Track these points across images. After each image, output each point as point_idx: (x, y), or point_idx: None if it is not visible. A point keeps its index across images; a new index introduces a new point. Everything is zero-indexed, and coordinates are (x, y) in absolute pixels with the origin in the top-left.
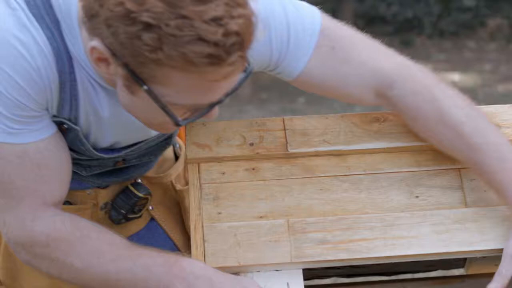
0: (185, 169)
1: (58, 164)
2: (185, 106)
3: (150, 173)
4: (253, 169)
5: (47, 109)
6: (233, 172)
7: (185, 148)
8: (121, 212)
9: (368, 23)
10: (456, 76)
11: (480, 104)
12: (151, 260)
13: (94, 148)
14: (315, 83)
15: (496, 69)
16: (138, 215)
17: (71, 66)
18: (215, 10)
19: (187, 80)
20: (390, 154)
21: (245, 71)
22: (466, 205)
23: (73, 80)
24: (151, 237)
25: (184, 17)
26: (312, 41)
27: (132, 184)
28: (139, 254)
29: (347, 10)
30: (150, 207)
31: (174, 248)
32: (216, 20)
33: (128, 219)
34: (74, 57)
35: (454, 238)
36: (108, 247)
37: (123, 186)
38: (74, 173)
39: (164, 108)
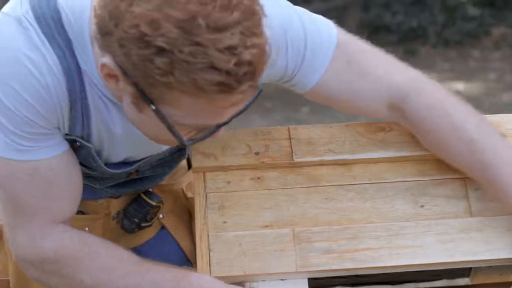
0: None
1: (69, 181)
2: (191, 126)
3: (163, 182)
4: (259, 178)
5: (58, 128)
6: (238, 181)
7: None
8: (134, 221)
9: (373, 32)
10: (460, 85)
11: (484, 113)
12: (160, 276)
13: (106, 164)
14: (328, 96)
15: (501, 78)
16: (150, 223)
17: (82, 84)
18: (231, 38)
19: (196, 104)
20: (395, 163)
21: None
22: (471, 214)
23: (84, 99)
24: (162, 246)
25: (198, 44)
26: (328, 54)
27: (144, 193)
28: (147, 270)
29: (351, 19)
30: (161, 216)
31: (184, 257)
32: (230, 49)
33: (141, 228)
34: (86, 75)
35: (459, 247)
36: (117, 263)
37: (135, 195)
38: (87, 186)
39: (170, 128)
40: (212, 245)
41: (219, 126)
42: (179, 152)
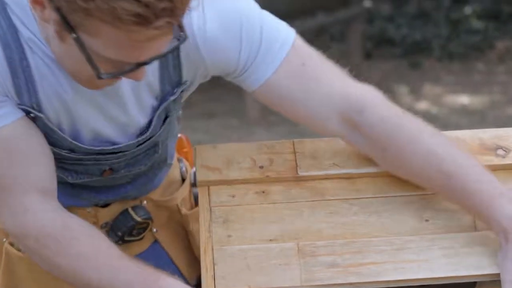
0: (190, 192)
1: (33, 147)
2: (109, 61)
3: (156, 195)
4: (263, 192)
5: (7, 96)
6: (243, 195)
7: (195, 170)
8: (117, 234)
9: (377, 45)
10: (465, 99)
11: (489, 127)
12: (133, 277)
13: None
14: (278, 96)
15: (506, 91)
16: (137, 238)
17: (22, 52)
18: None
19: (113, 35)
20: (400, 177)
21: (178, 39)
22: (475, 229)
23: (26, 66)
24: (154, 260)
25: None
26: (283, 50)
27: (133, 207)
28: (123, 268)
29: (355, 32)
30: (154, 230)
31: (178, 272)
32: None
33: (125, 241)
34: (25, 41)
35: (464, 262)
36: (95, 253)
37: (125, 207)
38: (64, 185)
39: (88, 58)
40: (217, 259)
41: (138, 66)
42: (152, 149)
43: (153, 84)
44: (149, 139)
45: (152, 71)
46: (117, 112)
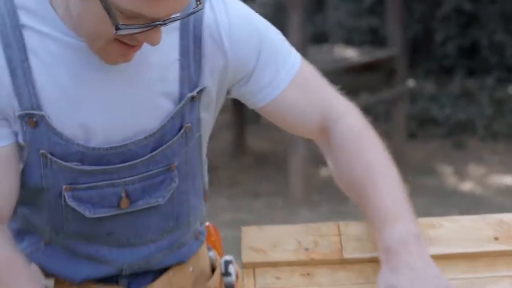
0: (221, 282)
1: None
2: (127, 13)
3: (188, 285)
4: (308, 274)
5: (5, 119)
6: (288, 277)
7: (241, 252)
8: None
9: (421, 125)
10: (509, 179)
11: None
12: None
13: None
14: (282, 111)
15: None
16: None
17: (24, 52)
18: None
19: None
20: (446, 260)
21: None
22: None
23: (27, 68)
24: None
25: None
26: (293, 69)
27: None
28: None
29: (400, 112)
30: None
31: None
32: None
33: None
34: (27, 29)
35: None
36: None
37: None
38: (90, 244)
39: (107, 7)
40: None
41: (155, 23)
42: (168, 173)
43: (172, 85)
44: (160, 146)
45: (172, 72)
46: (127, 109)
